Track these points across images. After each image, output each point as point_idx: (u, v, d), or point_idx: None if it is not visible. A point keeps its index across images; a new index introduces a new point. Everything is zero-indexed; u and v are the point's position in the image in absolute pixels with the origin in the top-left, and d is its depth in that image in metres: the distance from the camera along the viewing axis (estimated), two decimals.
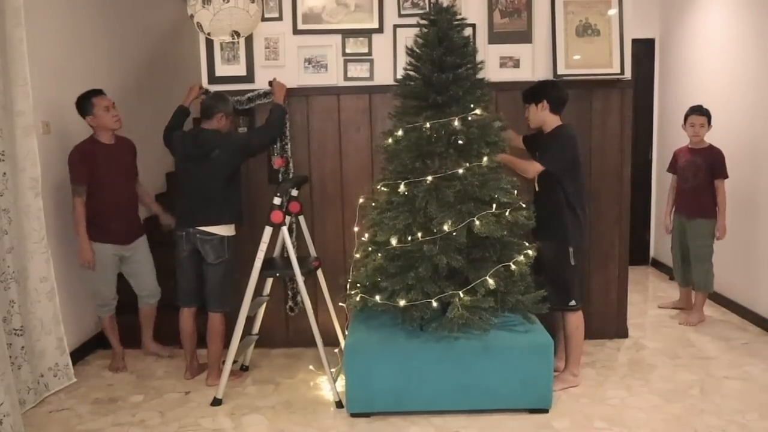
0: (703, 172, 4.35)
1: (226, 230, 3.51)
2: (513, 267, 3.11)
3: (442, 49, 3.16)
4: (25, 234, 3.35)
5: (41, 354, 3.46)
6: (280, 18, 3.88)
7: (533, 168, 3.32)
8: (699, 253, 4.41)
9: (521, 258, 3.16)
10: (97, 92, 3.65)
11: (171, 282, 3.72)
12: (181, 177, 3.59)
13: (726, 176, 4.30)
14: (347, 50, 3.90)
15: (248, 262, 3.45)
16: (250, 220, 3.90)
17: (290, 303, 4.08)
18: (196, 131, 3.55)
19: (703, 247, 4.39)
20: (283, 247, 3.61)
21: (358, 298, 3.25)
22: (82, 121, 3.79)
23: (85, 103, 3.61)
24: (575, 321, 3.40)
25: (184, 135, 3.58)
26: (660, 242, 5.93)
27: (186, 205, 3.51)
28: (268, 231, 3.38)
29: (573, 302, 3.38)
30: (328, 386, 3.48)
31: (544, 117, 3.38)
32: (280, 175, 3.94)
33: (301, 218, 3.72)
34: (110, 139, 3.68)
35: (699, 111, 4.40)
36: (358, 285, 3.31)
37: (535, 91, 3.41)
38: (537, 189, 3.44)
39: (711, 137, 4.45)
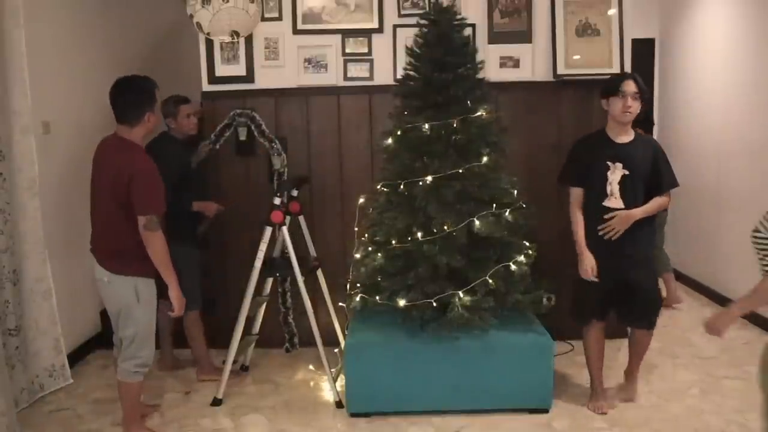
0: None
1: None
2: (513, 267, 3.11)
3: (442, 49, 3.16)
4: (21, 234, 3.34)
5: (36, 354, 3.45)
6: (279, 18, 3.88)
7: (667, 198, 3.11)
8: None
9: (521, 258, 3.16)
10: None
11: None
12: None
13: None
14: (347, 50, 3.90)
15: (248, 262, 3.45)
16: (250, 220, 3.90)
17: (287, 344, 3.95)
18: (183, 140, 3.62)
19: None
20: (284, 247, 3.61)
21: (358, 298, 3.25)
22: (83, 121, 3.75)
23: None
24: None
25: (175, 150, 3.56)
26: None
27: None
28: (268, 231, 3.38)
29: None
30: (328, 386, 3.48)
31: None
32: (277, 175, 3.93)
33: (301, 218, 3.72)
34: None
35: None
36: (358, 285, 3.31)
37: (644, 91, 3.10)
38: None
39: (710, 136, 4.45)
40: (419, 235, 3.10)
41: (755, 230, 2.30)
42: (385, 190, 3.26)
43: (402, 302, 3.08)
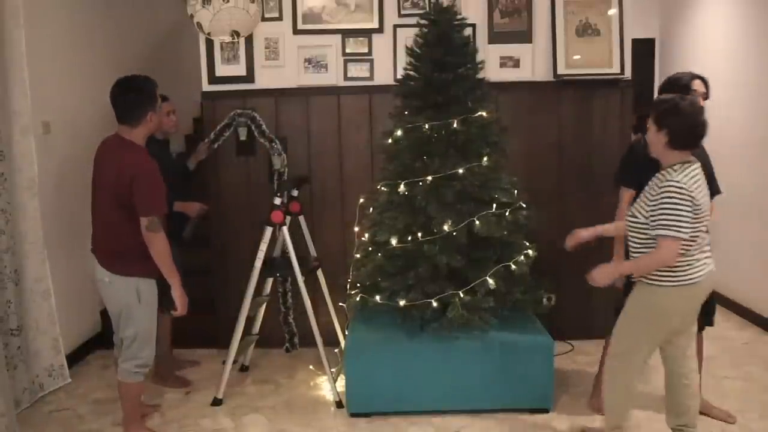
0: None
1: None
2: (513, 267, 3.11)
3: (442, 49, 3.17)
4: (21, 234, 3.34)
5: (36, 354, 3.45)
6: (280, 18, 3.88)
7: None
8: None
9: (521, 258, 3.16)
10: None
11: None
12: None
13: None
14: (347, 50, 3.90)
15: (248, 262, 3.45)
16: (251, 220, 3.90)
17: (287, 344, 3.94)
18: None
19: None
20: (284, 247, 3.61)
21: (358, 298, 3.25)
22: (83, 121, 3.74)
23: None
24: None
25: (166, 156, 3.54)
26: None
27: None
28: (268, 231, 3.38)
29: None
30: (328, 386, 3.48)
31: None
32: (277, 175, 3.93)
33: (301, 218, 3.72)
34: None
35: None
36: (358, 285, 3.31)
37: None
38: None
39: (710, 136, 4.43)
40: (419, 235, 3.10)
41: (631, 214, 2.55)
42: (385, 190, 3.26)
43: (402, 302, 3.08)
